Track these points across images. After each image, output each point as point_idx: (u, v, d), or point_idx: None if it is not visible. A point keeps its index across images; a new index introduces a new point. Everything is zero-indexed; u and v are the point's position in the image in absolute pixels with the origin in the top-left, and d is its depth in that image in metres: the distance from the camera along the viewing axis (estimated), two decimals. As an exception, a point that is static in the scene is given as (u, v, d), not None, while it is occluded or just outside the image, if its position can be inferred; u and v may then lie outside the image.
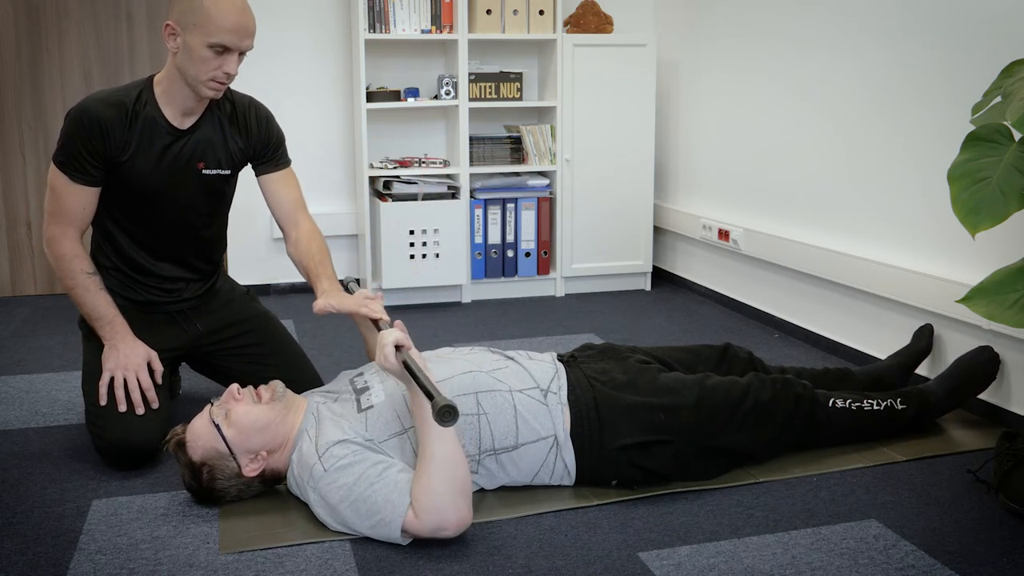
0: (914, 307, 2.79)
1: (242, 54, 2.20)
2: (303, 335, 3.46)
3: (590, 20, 4.06)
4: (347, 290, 2.32)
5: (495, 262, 4.06)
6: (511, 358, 2.17)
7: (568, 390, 2.11)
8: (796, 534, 1.91)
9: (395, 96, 3.93)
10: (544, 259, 4.12)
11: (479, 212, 3.99)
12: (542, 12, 3.94)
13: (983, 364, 2.44)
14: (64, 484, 2.17)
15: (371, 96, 3.88)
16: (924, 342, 2.68)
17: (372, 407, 2.00)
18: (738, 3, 3.68)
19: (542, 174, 4.13)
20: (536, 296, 4.13)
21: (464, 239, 3.90)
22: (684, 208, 4.17)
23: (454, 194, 3.93)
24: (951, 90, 2.62)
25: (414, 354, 1.90)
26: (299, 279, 4.17)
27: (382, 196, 3.89)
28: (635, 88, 4.05)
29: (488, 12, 3.90)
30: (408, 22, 3.85)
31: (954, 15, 2.60)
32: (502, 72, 3.97)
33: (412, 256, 3.85)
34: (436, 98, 3.98)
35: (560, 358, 2.25)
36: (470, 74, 3.92)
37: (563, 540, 1.89)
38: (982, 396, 2.51)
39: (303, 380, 2.48)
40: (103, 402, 2.25)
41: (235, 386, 2.04)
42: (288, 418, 2.03)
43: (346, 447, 1.91)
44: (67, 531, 1.94)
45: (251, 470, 1.99)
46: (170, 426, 2.17)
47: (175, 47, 2.19)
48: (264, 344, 2.56)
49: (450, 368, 2.09)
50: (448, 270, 3.89)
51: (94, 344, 2.36)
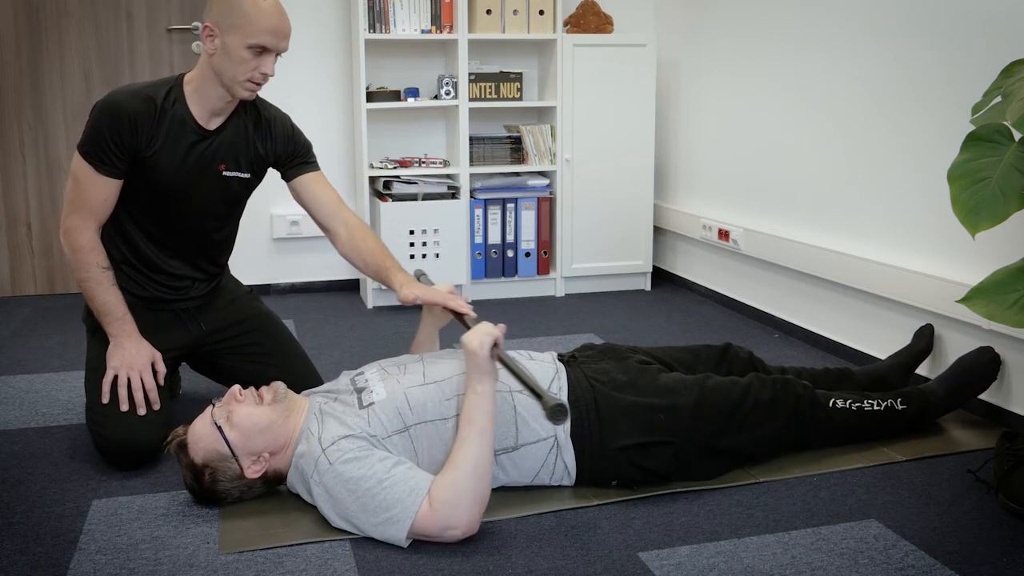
0: (914, 307, 2.79)
1: (278, 55, 2.24)
2: (303, 335, 3.46)
3: (590, 20, 4.06)
4: (421, 282, 2.38)
5: (495, 262, 4.06)
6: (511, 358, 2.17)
7: (568, 390, 2.11)
8: (796, 534, 1.91)
9: (395, 96, 3.93)
10: (544, 259, 4.12)
11: (479, 212, 3.99)
12: (542, 12, 3.94)
13: (984, 365, 2.44)
14: (64, 484, 2.17)
15: (371, 96, 3.88)
16: (924, 342, 2.68)
17: (374, 404, 2.00)
18: (738, 3, 3.68)
19: (542, 174, 4.13)
20: (536, 296, 4.13)
21: (464, 239, 3.90)
22: (684, 208, 4.17)
23: (454, 194, 3.93)
24: (951, 90, 2.62)
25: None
26: (299, 279, 4.17)
27: (382, 196, 3.90)
28: (635, 88, 4.05)
29: (488, 12, 3.90)
30: (408, 22, 3.85)
31: (954, 15, 2.60)
32: (502, 72, 3.97)
33: (412, 256, 3.85)
34: (436, 98, 3.98)
35: (560, 358, 2.25)
36: (470, 74, 3.92)
37: (563, 540, 1.89)
38: (982, 396, 2.51)
39: (304, 379, 2.49)
40: (106, 400, 2.26)
41: (237, 387, 2.04)
42: (290, 419, 2.03)
43: (352, 442, 1.91)
44: (67, 531, 1.94)
45: (253, 472, 1.99)
46: (170, 428, 2.18)
47: (213, 48, 2.22)
48: (266, 343, 2.57)
49: (450, 368, 2.09)
50: (448, 270, 3.89)
51: (99, 340, 2.36)
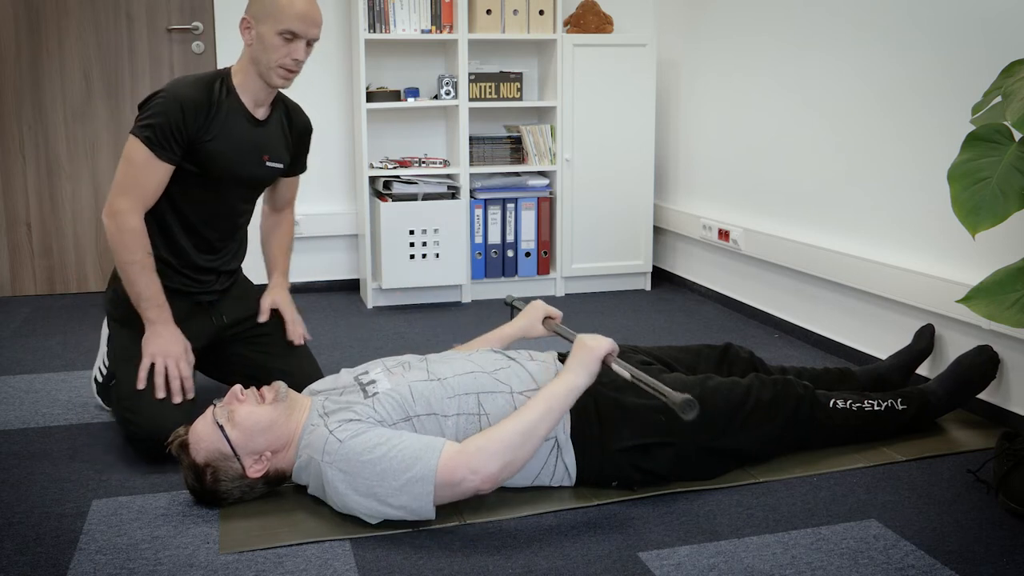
0: (914, 307, 2.79)
1: (309, 44, 2.40)
2: (303, 335, 3.46)
3: (590, 20, 4.06)
4: (514, 309, 2.54)
5: (495, 262, 4.06)
6: (512, 358, 2.17)
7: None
8: (796, 534, 1.91)
9: (395, 96, 3.93)
10: (544, 259, 4.12)
11: (479, 212, 3.99)
12: (542, 12, 3.95)
13: (982, 364, 2.44)
14: (64, 484, 2.17)
15: (371, 96, 3.88)
16: (925, 342, 2.68)
17: (378, 393, 2.00)
18: (738, 3, 3.68)
19: (542, 174, 4.13)
20: (536, 296, 4.13)
21: (464, 239, 3.90)
22: (684, 208, 4.17)
23: (454, 194, 3.93)
24: (951, 90, 2.62)
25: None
26: (299, 279, 4.17)
27: (382, 196, 3.90)
28: (635, 88, 4.05)
29: (488, 12, 3.90)
30: (408, 22, 3.85)
31: (954, 15, 2.60)
32: (502, 72, 3.97)
33: (412, 256, 3.85)
34: (436, 98, 3.98)
35: (561, 358, 2.25)
36: (470, 74, 3.92)
37: (563, 540, 1.89)
38: (982, 396, 2.51)
39: (307, 375, 2.54)
40: (142, 386, 2.29)
41: (238, 387, 2.04)
42: (292, 418, 2.03)
43: (359, 423, 1.92)
44: (67, 531, 1.94)
45: (255, 471, 1.99)
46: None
47: (250, 40, 2.39)
48: (276, 335, 2.65)
49: (452, 368, 2.09)
50: (448, 270, 3.89)
51: (129, 331, 2.40)
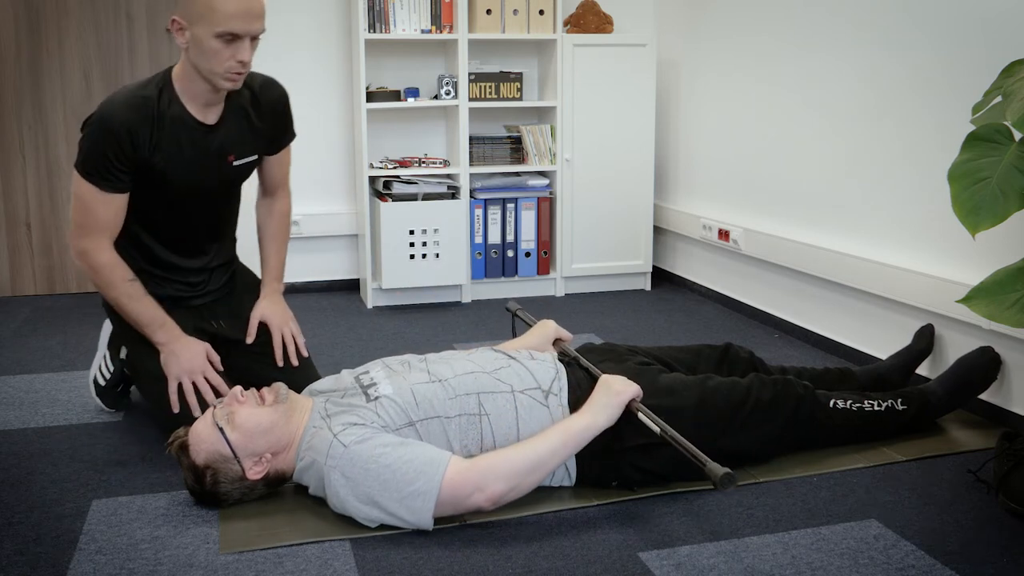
0: (914, 307, 2.79)
1: (254, 39, 2.11)
2: (304, 335, 3.45)
3: (590, 20, 4.06)
4: (516, 317, 2.54)
5: (495, 262, 4.06)
6: (513, 358, 2.17)
7: (568, 391, 2.11)
8: (796, 534, 1.91)
9: (395, 96, 3.93)
10: (544, 259, 4.12)
11: (479, 212, 3.99)
12: (542, 12, 3.94)
13: (984, 365, 2.44)
14: (64, 484, 2.17)
15: (371, 96, 3.88)
16: (925, 342, 2.68)
17: (380, 398, 2.00)
18: (738, 3, 3.68)
19: (542, 174, 4.13)
20: (536, 296, 4.13)
21: (464, 239, 3.90)
22: (684, 208, 4.17)
23: (454, 194, 3.93)
24: (951, 90, 2.62)
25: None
26: (299, 279, 4.17)
27: (382, 196, 3.90)
28: (635, 88, 4.05)
29: (488, 12, 3.90)
30: (408, 22, 3.85)
31: (954, 15, 2.60)
32: (502, 72, 3.97)
33: (412, 256, 3.85)
34: (436, 98, 3.98)
35: (561, 358, 2.25)
36: (470, 74, 3.92)
37: (563, 540, 1.89)
38: (983, 396, 2.51)
39: (303, 385, 2.45)
40: (176, 410, 2.26)
41: (238, 388, 2.03)
42: (292, 419, 2.02)
43: (364, 428, 1.92)
44: (67, 531, 1.94)
45: (255, 473, 1.99)
46: None
47: (184, 42, 2.12)
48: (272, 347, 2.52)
49: (452, 368, 2.09)
50: (448, 270, 3.89)
51: (149, 347, 2.32)
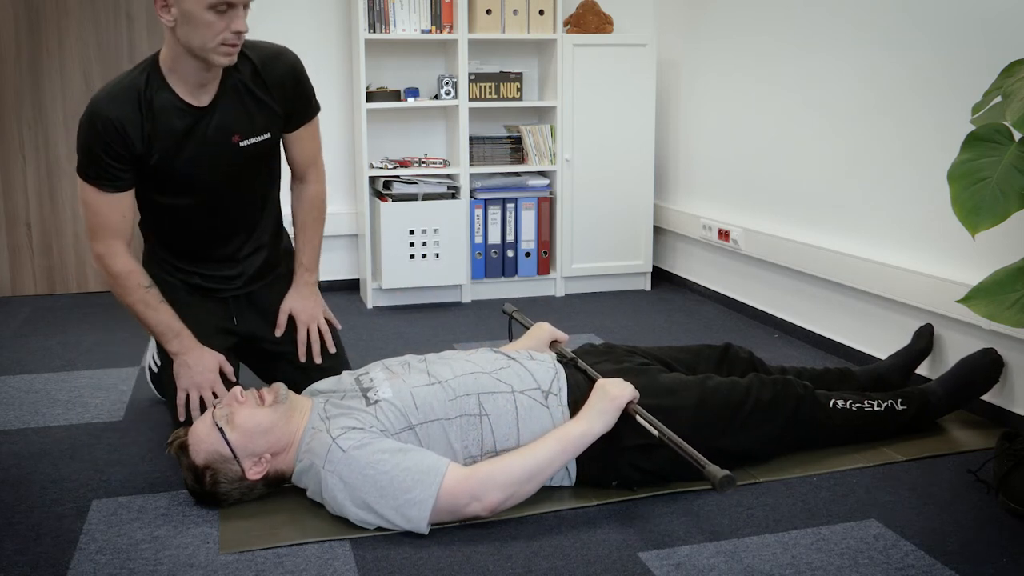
0: (914, 307, 2.79)
1: (246, 7, 2.04)
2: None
3: (590, 20, 4.06)
4: (513, 319, 2.56)
5: (495, 262, 4.06)
6: (513, 358, 2.17)
7: (568, 392, 2.11)
8: (796, 534, 1.91)
9: (395, 96, 3.93)
10: (544, 259, 4.12)
11: (479, 212, 3.99)
12: (542, 12, 3.94)
13: (986, 366, 2.44)
14: (64, 484, 2.17)
15: (371, 96, 3.88)
16: (924, 342, 2.68)
17: (380, 401, 2.00)
18: (738, 3, 3.68)
19: (542, 174, 4.13)
20: (536, 296, 4.13)
21: (464, 239, 3.90)
22: (684, 208, 4.17)
23: (454, 194, 3.93)
24: (951, 90, 2.62)
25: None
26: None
27: (382, 196, 3.90)
28: (635, 88, 4.05)
29: (488, 12, 3.90)
30: (408, 22, 3.85)
31: (954, 15, 2.60)
32: (502, 72, 3.97)
33: (412, 256, 3.85)
34: (436, 98, 3.98)
35: (560, 359, 2.25)
36: (470, 74, 3.92)
37: (563, 540, 1.89)
38: (983, 396, 2.51)
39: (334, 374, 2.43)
40: (182, 419, 2.28)
41: (238, 388, 2.04)
42: (292, 420, 2.02)
43: (363, 433, 1.92)
44: (67, 531, 1.94)
45: (255, 473, 1.99)
46: None
47: (171, 20, 2.02)
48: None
49: (452, 369, 2.09)
50: (448, 270, 3.89)
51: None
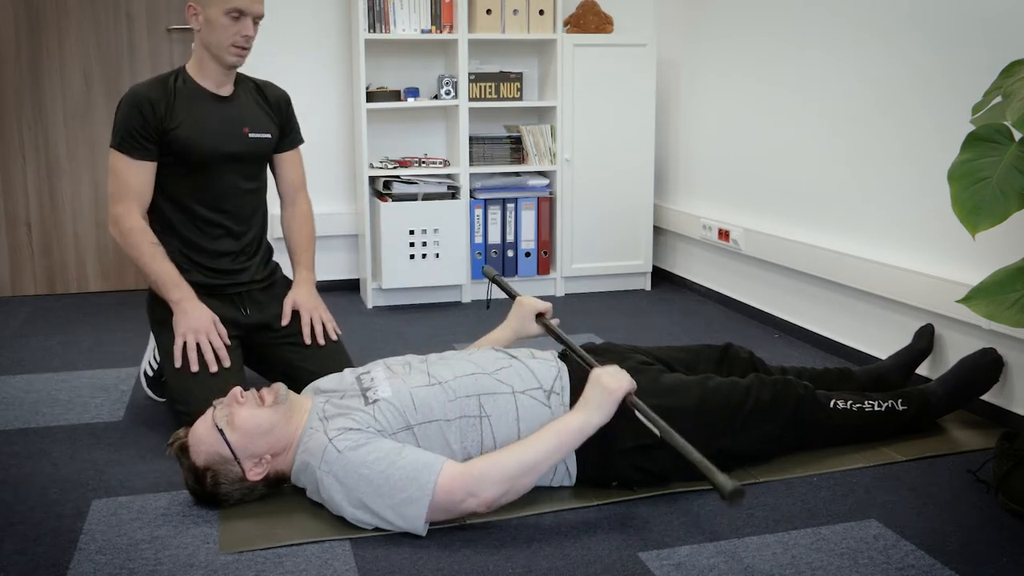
0: (914, 307, 2.79)
1: (256, 22, 2.47)
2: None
3: (590, 20, 4.06)
4: (494, 283, 2.62)
5: (495, 262, 4.06)
6: (515, 357, 2.17)
7: (570, 391, 2.10)
8: (796, 534, 1.91)
9: (395, 96, 3.93)
10: (544, 259, 4.12)
11: (479, 212, 4.00)
12: (542, 12, 3.94)
13: (986, 366, 2.44)
14: (64, 484, 2.17)
15: (371, 96, 3.88)
16: (924, 342, 2.68)
17: (379, 400, 2.00)
18: (738, 3, 3.68)
19: (542, 174, 4.13)
20: (536, 296, 4.13)
21: (464, 239, 3.90)
22: (684, 208, 4.17)
23: (454, 194, 3.93)
24: (951, 90, 2.62)
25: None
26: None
27: (382, 196, 3.90)
28: (635, 88, 4.05)
29: (488, 12, 3.90)
30: (408, 22, 3.85)
31: (954, 15, 2.60)
32: (502, 72, 3.97)
33: (412, 256, 3.85)
34: (436, 98, 3.98)
35: (562, 357, 2.25)
36: (470, 74, 3.92)
37: (563, 540, 1.89)
38: (983, 396, 2.51)
39: (335, 360, 2.61)
40: (178, 364, 2.39)
41: (238, 389, 2.04)
42: (292, 420, 2.02)
43: (360, 434, 1.92)
44: (67, 531, 1.94)
45: (255, 474, 1.99)
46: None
47: (199, 25, 2.46)
48: (301, 336, 2.64)
49: (452, 370, 2.09)
50: (448, 270, 3.89)
51: (169, 332, 2.46)
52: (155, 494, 2.11)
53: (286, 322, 2.63)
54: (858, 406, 2.30)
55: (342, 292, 4.22)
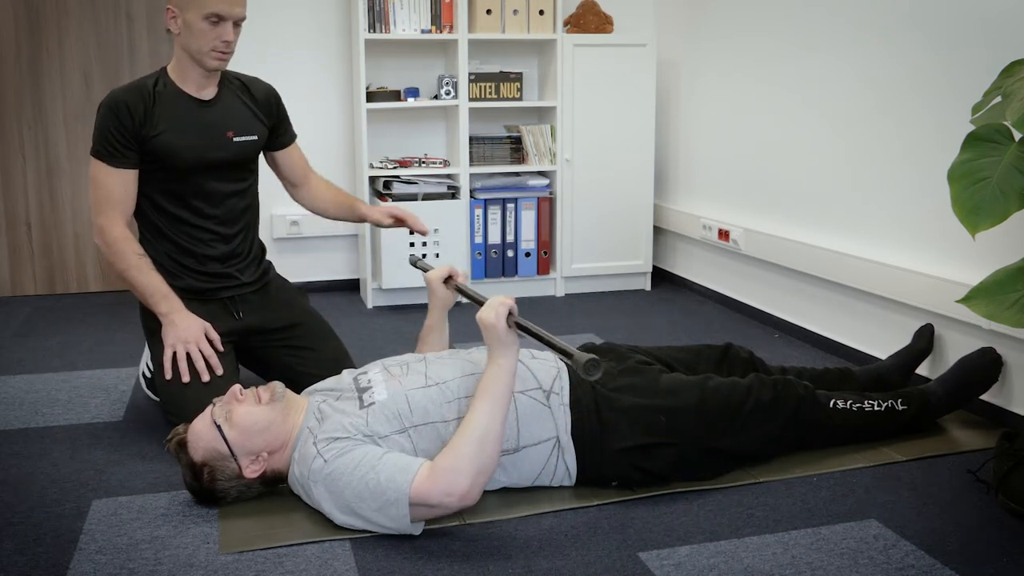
0: (914, 307, 2.79)
1: (237, 25, 2.38)
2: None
3: (590, 20, 4.06)
4: (417, 267, 2.61)
5: (495, 262, 4.06)
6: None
7: (570, 391, 2.10)
8: (796, 534, 1.91)
9: (395, 96, 3.93)
10: (544, 259, 4.12)
11: (479, 212, 3.99)
12: (542, 12, 3.94)
13: (985, 366, 2.44)
14: (64, 484, 2.17)
15: (371, 96, 3.88)
16: (924, 342, 2.68)
17: (374, 404, 2.00)
18: (738, 3, 3.68)
19: (542, 174, 4.13)
20: (536, 296, 4.13)
21: (464, 239, 3.90)
22: (684, 208, 4.17)
23: (454, 194, 3.93)
24: (951, 90, 2.62)
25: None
26: (299, 279, 4.16)
27: (382, 196, 3.90)
28: (635, 88, 4.05)
29: (488, 12, 3.90)
30: (408, 22, 3.85)
31: (954, 15, 2.60)
32: (502, 72, 3.97)
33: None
34: (436, 98, 3.98)
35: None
36: (470, 74, 3.92)
37: (563, 540, 1.89)
38: (983, 396, 2.51)
39: (334, 357, 2.64)
40: (168, 376, 2.35)
41: (237, 387, 2.04)
42: (289, 418, 2.03)
43: (346, 442, 1.92)
44: (67, 531, 1.94)
45: (252, 471, 1.99)
46: None
47: (177, 28, 2.38)
48: (303, 338, 2.65)
49: (451, 370, 2.09)
50: (448, 270, 3.89)
51: (160, 340, 2.42)
52: (155, 494, 2.11)
53: (389, 222, 2.70)
54: (858, 406, 2.31)
55: (342, 292, 4.22)
